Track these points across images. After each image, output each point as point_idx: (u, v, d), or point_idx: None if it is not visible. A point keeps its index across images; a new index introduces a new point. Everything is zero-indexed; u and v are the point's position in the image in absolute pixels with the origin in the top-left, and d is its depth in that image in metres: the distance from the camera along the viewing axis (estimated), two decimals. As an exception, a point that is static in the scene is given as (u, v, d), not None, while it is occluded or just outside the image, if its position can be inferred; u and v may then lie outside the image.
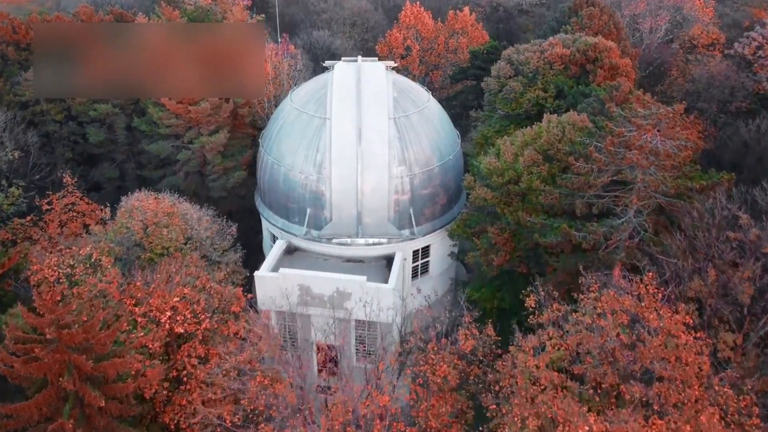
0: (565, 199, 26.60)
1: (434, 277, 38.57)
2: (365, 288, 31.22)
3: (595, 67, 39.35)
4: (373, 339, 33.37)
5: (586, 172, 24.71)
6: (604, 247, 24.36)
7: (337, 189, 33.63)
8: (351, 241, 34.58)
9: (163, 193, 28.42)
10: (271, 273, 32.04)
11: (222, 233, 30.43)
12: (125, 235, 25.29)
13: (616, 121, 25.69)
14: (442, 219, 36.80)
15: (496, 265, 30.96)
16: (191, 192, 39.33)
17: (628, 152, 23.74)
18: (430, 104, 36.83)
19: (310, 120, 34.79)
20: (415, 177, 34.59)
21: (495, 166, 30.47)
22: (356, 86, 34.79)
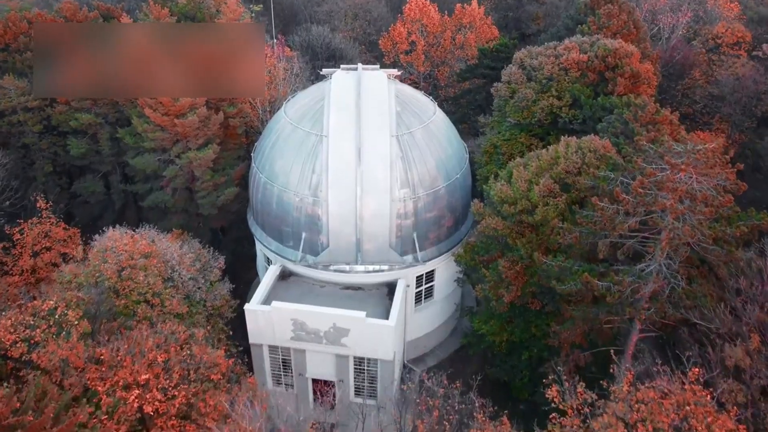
0: (585, 239, 23.93)
1: (439, 301, 36.13)
2: (364, 325, 28.79)
3: (614, 75, 36.33)
4: (373, 375, 31.07)
5: (610, 214, 21.99)
6: (630, 300, 21.76)
7: (335, 214, 31.01)
8: (350, 268, 32.07)
9: (142, 229, 25.82)
10: (263, 307, 29.60)
11: (208, 267, 27.91)
12: (98, 279, 22.83)
13: (646, 155, 22.88)
14: (449, 242, 34.20)
15: (506, 301, 28.43)
16: (180, 208, 36.81)
17: (660, 194, 20.99)
18: (436, 118, 33.97)
19: (305, 137, 32.01)
20: (420, 200, 31.90)
21: (507, 195, 27.75)
22: (356, 100, 31.95)
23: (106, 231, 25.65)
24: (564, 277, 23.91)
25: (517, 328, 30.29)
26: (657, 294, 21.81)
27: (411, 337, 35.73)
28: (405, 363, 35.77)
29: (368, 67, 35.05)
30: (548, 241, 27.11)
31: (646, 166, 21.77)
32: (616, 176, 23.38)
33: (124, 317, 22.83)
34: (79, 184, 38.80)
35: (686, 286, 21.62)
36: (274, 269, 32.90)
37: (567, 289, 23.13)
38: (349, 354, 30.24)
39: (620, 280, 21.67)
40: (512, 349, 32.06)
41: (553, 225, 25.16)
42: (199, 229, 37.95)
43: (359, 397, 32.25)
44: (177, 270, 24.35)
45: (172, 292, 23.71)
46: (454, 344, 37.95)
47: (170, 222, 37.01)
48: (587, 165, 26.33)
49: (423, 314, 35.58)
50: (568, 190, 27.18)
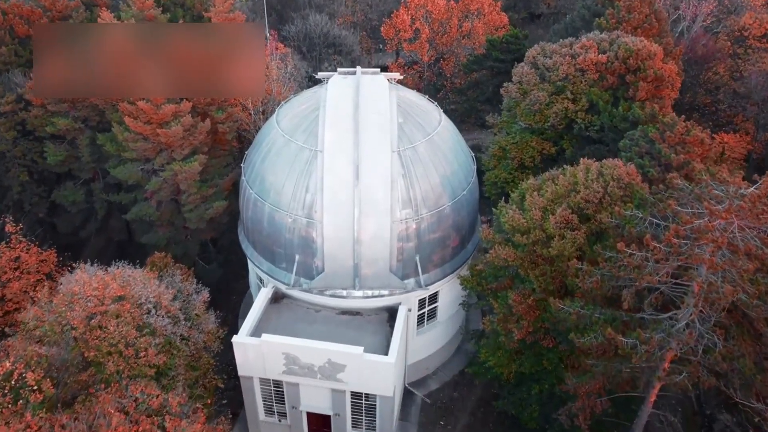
0: (607, 282, 21.43)
1: (443, 322, 33.86)
2: (362, 361, 26.55)
3: (636, 78, 33.40)
4: (372, 409, 28.98)
5: (638, 263, 19.44)
6: (658, 361, 19.38)
7: (330, 237, 28.50)
8: (347, 293, 29.70)
9: (114, 266, 23.34)
10: (252, 339, 27.32)
11: (191, 303, 25.54)
12: (64, 327, 20.52)
13: (680, 194, 20.20)
14: (454, 263, 31.74)
15: (516, 338, 26.10)
16: (166, 221, 34.33)
17: (697, 245, 18.41)
18: (441, 129, 31.14)
19: (298, 152, 29.31)
20: (423, 221, 29.33)
21: (519, 223, 25.17)
22: (354, 111, 29.15)
23: (74, 270, 23.14)
24: (583, 326, 21.49)
25: (527, 361, 28.01)
26: (689, 355, 19.42)
27: (412, 360, 33.57)
28: (405, 386, 33.71)
29: (368, 70, 32.13)
30: (564, 275, 24.68)
31: (681, 210, 19.13)
32: (644, 216, 20.76)
33: (94, 368, 20.57)
34: (59, 192, 36.26)
35: (723, 345, 19.16)
36: (266, 293, 30.55)
37: (587, 342, 20.72)
38: (345, 389, 28.09)
39: (648, 337, 19.24)
40: (521, 380, 29.87)
41: (572, 265, 22.62)
42: (187, 241, 35.58)
43: (357, 429, 30.24)
44: (154, 315, 21.99)
45: (148, 341, 21.38)
46: (458, 365, 35.80)
47: (156, 235, 34.63)
48: (610, 196, 23.67)
49: (425, 336, 33.36)
50: (587, 220, 24.61)
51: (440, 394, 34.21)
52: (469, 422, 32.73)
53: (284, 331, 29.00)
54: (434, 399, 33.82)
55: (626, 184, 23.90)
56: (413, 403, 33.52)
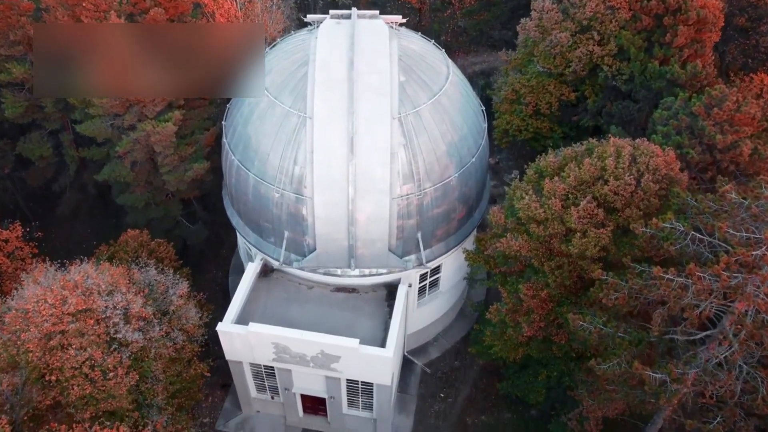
0: (635, 300, 18.78)
1: (445, 291, 31.65)
2: (357, 353, 24.54)
3: (675, 21, 28.77)
4: (369, 392, 27.44)
5: (676, 290, 16.65)
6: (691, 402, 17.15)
7: (322, 217, 25.52)
8: (342, 272, 27.19)
9: (76, 271, 20.36)
10: (238, 328, 25.13)
11: (167, 298, 23.00)
12: (19, 350, 18.14)
13: (733, 211, 16.98)
14: (458, 235, 28.96)
15: (526, 335, 23.89)
16: (142, 182, 31.17)
17: (748, 280, 15.52)
18: (449, 86, 27.08)
19: (285, 116, 25.60)
20: (426, 195, 26.18)
21: (536, 213, 22.10)
22: (348, 70, 25.09)
23: (23, 285, 20.16)
24: (605, 346, 19.08)
25: (535, 347, 26.00)
26: (726, 396, 17.13)
27: (412, 330, 31.74)
28: (405, 354, 32.14)
29: (365, 13, 27.59)
30: (583, 270, 21.99)
31: (735, 234, 16.03)
32: (686, 229, 17.66)
33: (57, 390, 18.46)
34: (24, 145, 32.74)
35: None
36: (254, 269, 28.01)
37: (608, 371, 18.39)
38: (340, 377, 26.35)
39: (681, 374, 16.84)
40: (527, 363, 28.10)
41: (596, 276, 19.82)
42: (168, 201, 32.59)
43: (353, 408, 28.92)
44: (122, 329, 19.53)
45: (117, 357, 19.09)
46: (460, 331, 34.08)
47: (133, 196, 31.59)
48: (643, 190, 20.39)
49: (427, 307, 31.30)
50: (613, 213, 21.51)
51: (441, 363, 32.70)
52: (470, 394, 31.44)
53: (274, 313, 26.89)
54: (434, 368, 32.34)
55: (662, 176, 20.56)
56: (412, 373, 32.08)
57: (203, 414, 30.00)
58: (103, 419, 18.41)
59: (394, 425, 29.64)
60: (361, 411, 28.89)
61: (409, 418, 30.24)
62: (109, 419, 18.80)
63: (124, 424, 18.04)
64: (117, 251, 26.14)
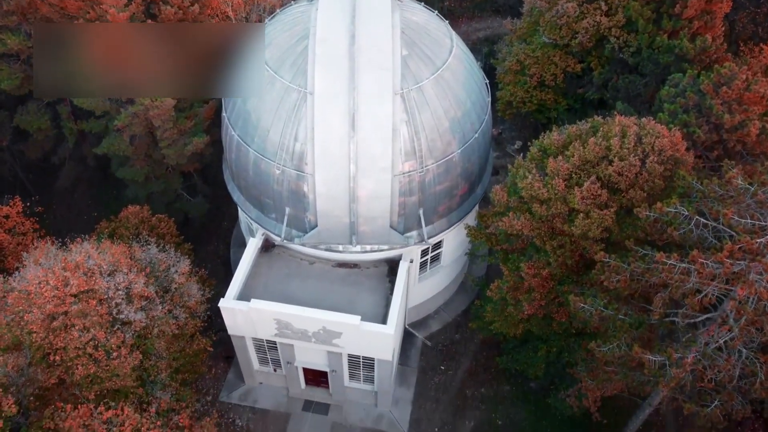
0: (637, 283, 18.78)
1: (446, 266, 31.70)
2: (359, 330, 24.71)
3: (687, -9, 27.99)
4: (370, 366, 27.78)
5: (678, 276, 16.60)
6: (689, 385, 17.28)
7: (323, 194, 25.35)
8: (343, 248, 27.18)
9: (78, 250, 20.27)
10: (240, 304, 25.26)
11: (169, 276, 23.03)
12: (23, 330, 18.25)
13: (739, 196, 16.78)
14: (461, 211, 28.82)
15: (527, 312, 24.00)
16: (141, 155, 30.92)
17: (748, 269, 15.45)
18: (453, 59, 26.53)
19: (285, 92, 25.18)
20: (428, 172, 25.95)
21: (539, 193, 21.92)
22: (349, 45, 24.55)
23: (25, 265, 20.09)
24: (605, 328, 19.16)
25: (535, 325, 26.16)
26: (724, 381, 17.23)
27: (414, 303, 31.93)
28: (406, 327, 32.39)
29: (366, -18, 26.79)
30: (585, 250, 21.94)
31: (740, 221, 15.89)
32: (691, 214, 17.51)
33: (62, 369, 18.66)
34: (21, 117, 32.33)
35: (767, 371, 16.90)
36: (255, 244, 28.02)
37: (607, 354, 18.51)
38: (342, 352, 26.61)
39: (680, 358, 16.95)
40: (527, 338, 28.33)
41: (598, 258, 19.77)
42: (168, 175, 32.38)
43: (354, 381, 29.32)
44: (125, 310, 19.59)
45: (120, 337, 19.22)
46: (461, 303, 34.29)
47: (133, 169, 31.37)
48: (648, 172, 20.16)
49: (428, 281, 31.41)
50: (617, 193, 21.33)
51: (441, 336, 32.99)
52: (470, 367, 31.82)
53: (275, 288, 26.99)
54: (435, 341, 32.65)
55: (668, 158, 20.30)
56: (413, 346, 32.41)
57: (207, 385, 30.44)
58: (108, 399, 18.66)
59: (395, 397, 30.11)
60: (362, 384, 29.30)
61: (410, 390, 30.68)
62: (114, 398, 19.07)
63: (128, 404, 18.26)
64: (118, 227, 26.08)
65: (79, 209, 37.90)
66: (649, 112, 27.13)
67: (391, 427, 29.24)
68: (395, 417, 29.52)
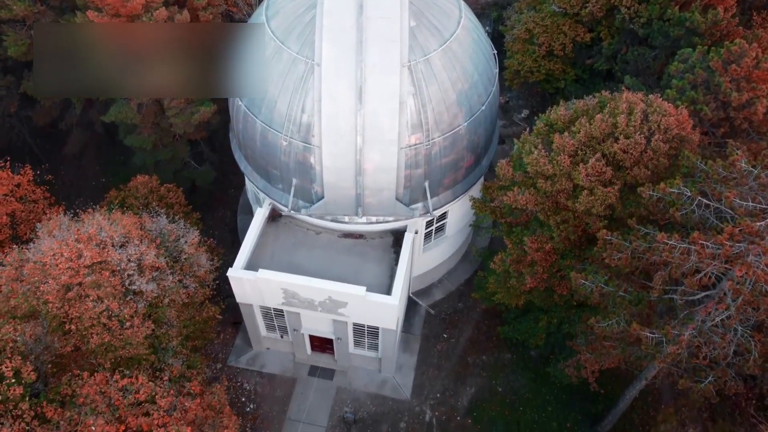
0: (638, 261, 19.13)
1: (451, 236, 32.10)
2: (364, 300, 25.28)
3: (699, -39, 27.47)
4: (374, 334, 28.48)
5: (678, 256, 16.93)
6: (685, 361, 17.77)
7: (330, 167, 25.56)
8: (349, 219, 27.54)
9: (90, 219, 20.61)
10: (248, 274, 25.81)
11: (179, 247, 23.47)
12: (39, 300, 18.79)
13: (741, 178, 16.93)
14: (466, 183, 29.04)
15: (529, 286, 24.44)
16: (149, 123, 31.05)
17: (747, 251, 15.75)
18: (461, 30, 26.32)
19: (292, 63, 25.13)
20: (435, 145, 26.08)
21: (544, 169, 22.08)
22: (357, 13, 24.33)
23: (39, 236, 20.50)
24: (605, 304, 19.60)
25: (537, 297, 26.65)
26: (719, 358, 17.73)
27: (418, 272, 32.47)
28: (410, 296, 33.02)
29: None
30: (588, 226, 22.24)
31: (742, 204, 16.11)
32: (693, 194, 17.71)
33: (77, 338, 19.30)
34: (29, 83, 32.36)
35: (761, 347, 17.37)
36: (262, 214, 28.41)
37: (605, 329, 19.00)
38: (347, 321, 27.26)
39: (677, 335, 17.42)
40: (528, 308, 28.89)
41: (600, 236, 20.07)
42: (175, 143, 32.57)
43: (359, 348, 30.08)
44: (137, 281, 20.09)
45: (133, 308, 19.79)
46: (464, 273, 34.82)
47: (141, 137, 31.54)
48: (653, 150, 20.27)
49: (432, 251, 31.86)
50: (621, 169, 21.47)
51: (444, 304, 33.62)
52: (472, 335, 32.52)
53: (282, 258, 27.50)
54: (438, 310, 33.31)
55: (673, 137, 20.37)
56: (417, 314, 33.08)
57: (215, 350, 31.29)
58: (122, 367, 19.34)
59: (398, 363, 30.94)
60: (366, 351, 30.07)
61: (413, 356, 31.48)
62: (128, 365, 19.76)
63: (142, 372, 18.94)
64: (127, 197, 26.44)
65: (87, 175, 38.25)
66: (658, 86, 27.02)
67: (394, 392, 30.13)
68: (398, 382, 30.38)
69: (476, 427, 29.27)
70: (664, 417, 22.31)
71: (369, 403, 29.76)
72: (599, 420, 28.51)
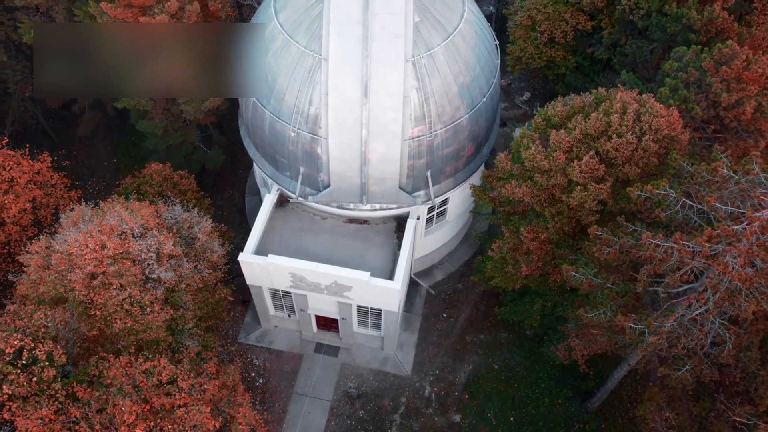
0: (626, 256, 20.40)
1: (451, 220, 33.35)
2: (368, 284, 26.68)
3: (698, -45, 27.96)
4: (378, 315, 30.00)
5: (661, 254, 18.18)
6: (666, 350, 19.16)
7: (336, 157, 26.66)
8: (354, 206, 28.75)
9: (111, 208, 21.80)
10: (258, 259, 27.18)
11: (193, 235, 24.77)
12: (66, 287, 20.15)
13: (723, 183, 18.04)
14: (467, 171, 30.15)
15: (524, 272, 25.78)
16: (160, 110, 32.05)
17: (725, 252, 16.98)
18: (464, 24, 27.08)
19: (300, 56, 26.00)
20: (437, 136, 27.11)
21: (541, 164, 23.18)
22: (363, 8, 25.07)
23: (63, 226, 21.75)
24: (593, 295, 20.95)
25: (533, 281, 28.03)
26: (696, 348, 19.12)
27: (420, 255, 33.83)
28: (411, 276, 34.46)
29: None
30: (581, 218, 23.47)
31: (722, 208, 17.28)
32: (678, 196, 18.87)
33: (103, 323, 20.77)
34: (43, 68, 33.20)
35: (735, 338, 18.76)
36: (270, 200, 29.64)
37: (593, 319, 20.37)
38: (352, 303, 28.73)
39: (658, 327, 18.80)
40: (525, 291, 30.32)
41: (591, 232, 21.30)
42: (186, 127, 33.59)
43: (363, 327, 31.65)
44: (156, 269, 21.44)
45: (153, 294, 21.19)
46: (464, 254, 36.18)
47: (152, 123, 32.55)
48: (643, 149, 21.33)
49: (434, 235, 33.16)
50: (613, 166, 22.56)
51: (445, 285, 35.06)
52: (470, 315, 34.03)
53: (290, 243, 28.82)
54: (439, 290, 34.76)
55: (663, 137, 21.40)
56: (418, 294, 34.55)
57: (226, 327, 32.90)
58: (145, 350, 20.87)
59: (400, 341, 32.54)
60: (369, 330, 31.65)
61: (414, 335, 33.06)
62: (148, 347, 21.28)
63: (163, 355, 20.45)
64: (142, 184, 27.64)
65: (100, 156, 39.38)
66: (654, 80, 27.86)
67: (396, 368, 31.80)
68: (399, 359, 32.03)
69: (473, 402, 31.00)
70: (650, 395, 23.82)
71: (371, 379, 31.46)
72: (589, 397, 30.21)
